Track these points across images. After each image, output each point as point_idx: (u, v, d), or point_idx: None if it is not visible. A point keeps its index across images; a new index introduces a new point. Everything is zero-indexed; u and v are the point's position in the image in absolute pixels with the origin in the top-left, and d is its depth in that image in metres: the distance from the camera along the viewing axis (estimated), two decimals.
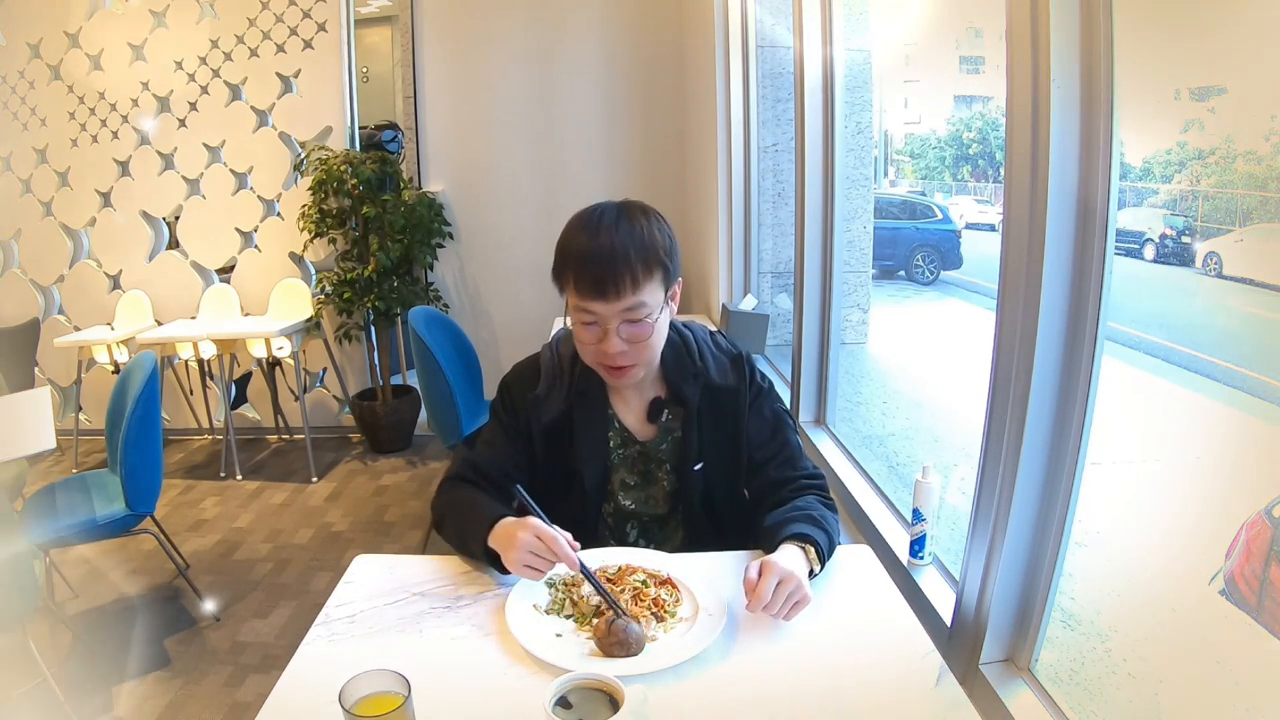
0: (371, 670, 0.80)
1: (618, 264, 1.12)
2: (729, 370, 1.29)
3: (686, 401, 1.26)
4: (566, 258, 1.16)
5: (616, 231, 1.14)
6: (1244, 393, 2.09)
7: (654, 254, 1.15)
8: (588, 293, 1.13)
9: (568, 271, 1.15)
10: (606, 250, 1.13)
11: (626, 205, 1.20)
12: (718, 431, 1.27)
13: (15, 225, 4.31)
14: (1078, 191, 1.02)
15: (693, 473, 1.27)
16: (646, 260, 1.14)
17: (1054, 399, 1.08)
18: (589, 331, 1.16)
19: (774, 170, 3.01)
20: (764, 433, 1.28)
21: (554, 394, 1.27)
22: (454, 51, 4.02)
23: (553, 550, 1.05)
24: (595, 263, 1.12)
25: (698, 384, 1.26)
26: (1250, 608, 1.61)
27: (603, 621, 0.96)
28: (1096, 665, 1.55)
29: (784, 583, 1.02)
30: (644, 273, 1.13)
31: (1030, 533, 1.14)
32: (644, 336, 1.16)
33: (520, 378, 1.32)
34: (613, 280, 1.12)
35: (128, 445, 2.32)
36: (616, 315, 1.14)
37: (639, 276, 1.13)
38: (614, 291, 1.12)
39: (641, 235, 1.15)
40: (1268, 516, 1.68)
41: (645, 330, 1.16)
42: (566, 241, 1.17)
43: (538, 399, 1.27)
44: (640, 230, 1.15)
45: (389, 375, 4.06)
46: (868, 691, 0.90)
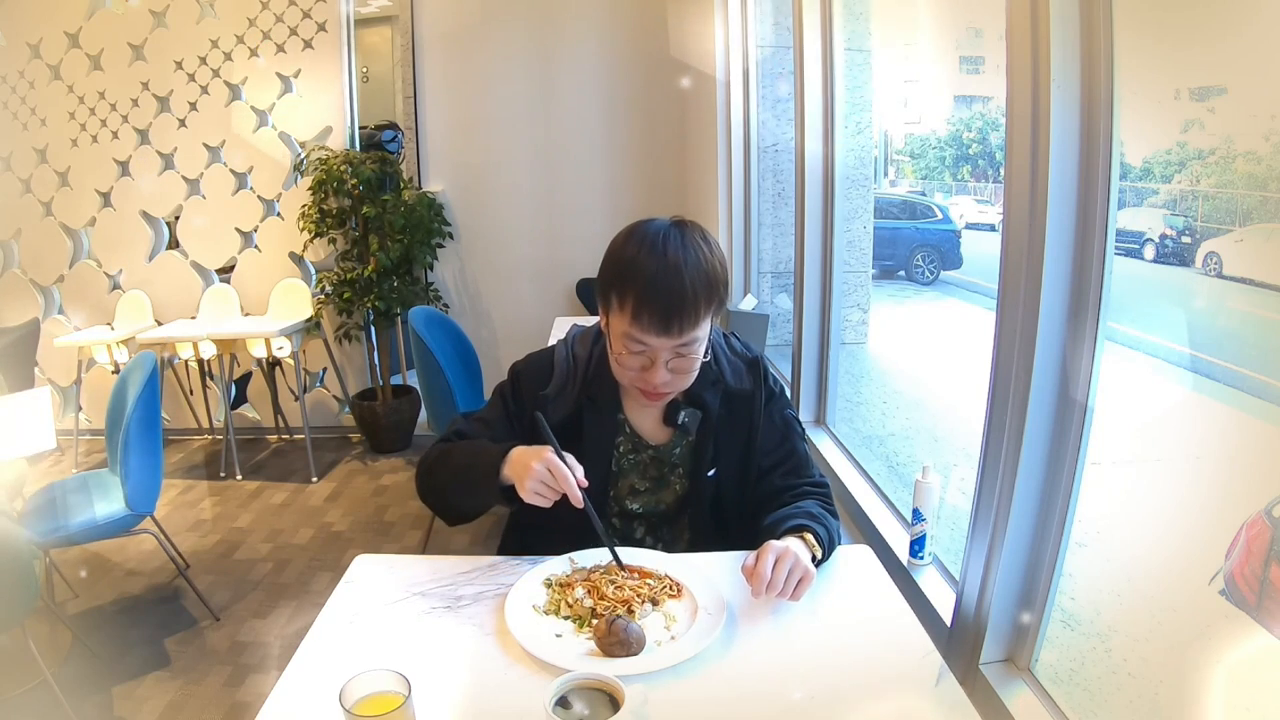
0: (371, 670, 0.80)
1: (685, 300, 1.07)
2: (744, 374, 1.27)
3: (706, 408, 1.23)
4: (627, 279, 1.09)
5: (685, 262, 1.08)
6: (1244, 393, 2.09)
7: (717, 288, 1.11)
8: (649, 325, 1.08)
9: (627, 295, 1.09)
10: (676, 281, 1.07)
11: (687, 228, 1.14)
12: (732, 437, 1.25)
13: (15, 225, 4.31)
14: (1078, 191, 1.02)
15: (706, 478, 1.25)
16: (710, 295, 1.10)
17: (1054, 399, 1.08)
18: (635, 359, 1.12)
19: (774, 170, 3.01)
20: (773, 438, 1.27)
21: (564, 395, 1.24)
22: (454, 51, 4.02)
23: (561, 483, 1.06)
24: (663, 295, 1.07)
25: (717, 390, 1.24)
26: (1250, 607, 1.61)
27: (603, 622, 0.96)
28: (1096, 665, 1.55)
29: (781, 559, 1.02)
30: (705, 307, 1.10)
31: (1030, 533, 1.14)
32: (689, 369, 1.14)
33: (532, 370, 1.28)
34: (678, 316, 1.07)
35: (128, 445, 2.32)
36: (670, 350, 1.11)
37: (702, 311, 1.09)
38: (677, 328, 1.08)
39: (707, 267, 1.10)
40: (1268, 516, 1.68)
41: (693, 363, 1.14)
42: (627, 260, 1.10)
43: (547, 398, 1.24)
44: (704, 260, 1.10)
45: (389, 375, 4.06)
46: (868, 691, 0.90)
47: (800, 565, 1.03)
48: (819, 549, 1.10)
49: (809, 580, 1.04)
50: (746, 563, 1.04)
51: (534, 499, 1.07)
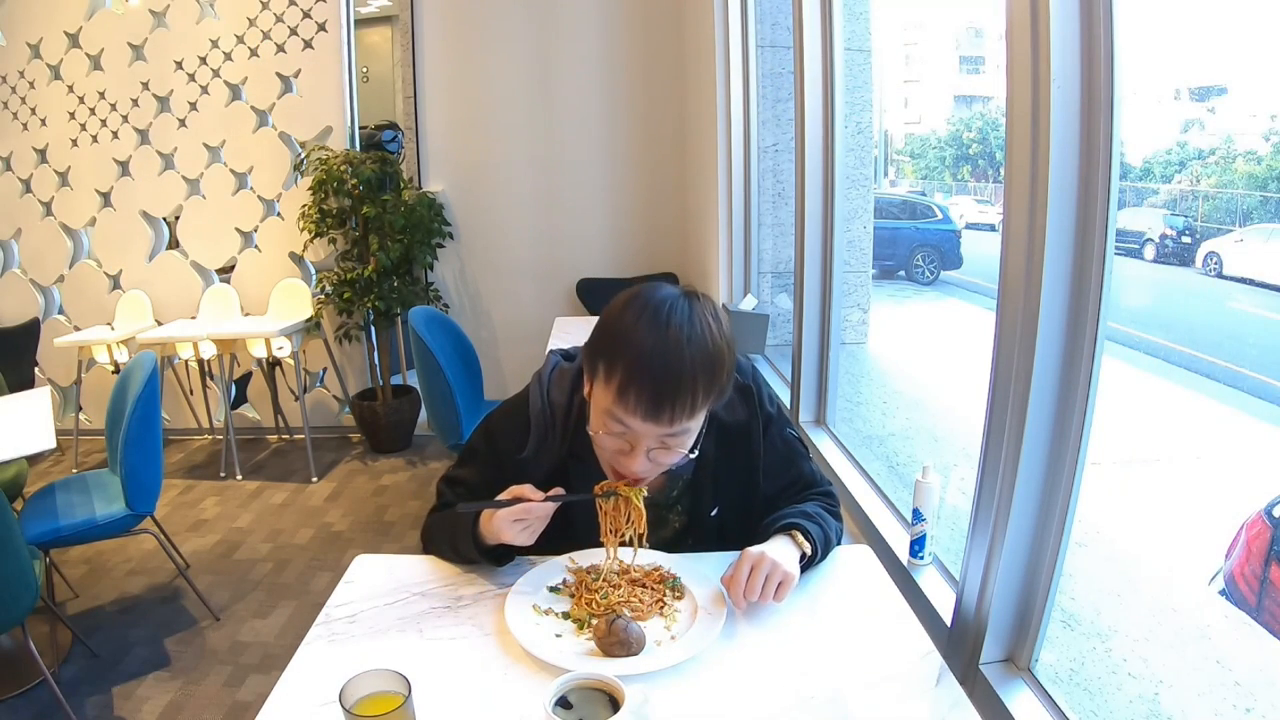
0: (371, 670, 0.80)
1: (682, 383, 0.95)
2: (738, 404, 1.16)
3: (701, 451, 1.12)
4: (618, 349, 0.97)
5: (689, 340, 0.96)
6: (1244, 393, 2.09)
7: (720, 374, 0.99)
8: (635, 408, 0.96)
9: (615, 369, 0.97)
10: (675, 362, 0.95)
11: (697, 301, 1.00)
12: (732, 472, 1.18)
13: (15, 225, 4.32)
14: (1078, 191, 1.02)
15: (709, 518, 1.20)
16: (710, 383, 0.98)
17: (1054, 399, 1.08)
18: (614, 440, 1.02)
19: (774, 170, 3.01)
20: (776, 464, 1.20)
21: (544, 454, 1.14)
22: (454, 51, 4.02)
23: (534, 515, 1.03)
24: (657, 374, 0.95)
25: (710, 429, 1.13)
26: (1250, 608, 1.62)
27: (603, 621, 0.96)
28: (1096, 665, 1.55)
29: (757, 566, 1.01)
30: (704, 397, 0.98)
31: (1030, 533, 1.14)
32: (672, 460, 1.05)
33: (507, 429, 1.18)
34: (670, 401, 0.96)
35: (128, 445, 2.32)
36: (655, 438, 1.00)
37: (698, 401, 0.98)
38: (668, 416, 0.96)
39: (713, 349, 0.97)
40: (1268, 516, 1.68)
41: (677, 456, 1.04)
42: (623, 330, 0.98)
43: (525, 463, 1.13)
44: (711, 340, 0.97)
45: (389, 375, 4.06)
46: (868, 691, 0.90)
47: (779, 569, 1.01)
48: (808, 545, 1.08)
49: (789, 583, 1.02)
50: (725, 574, 1.03)
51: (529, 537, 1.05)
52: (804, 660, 0.95)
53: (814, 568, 1.13)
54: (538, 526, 1.05)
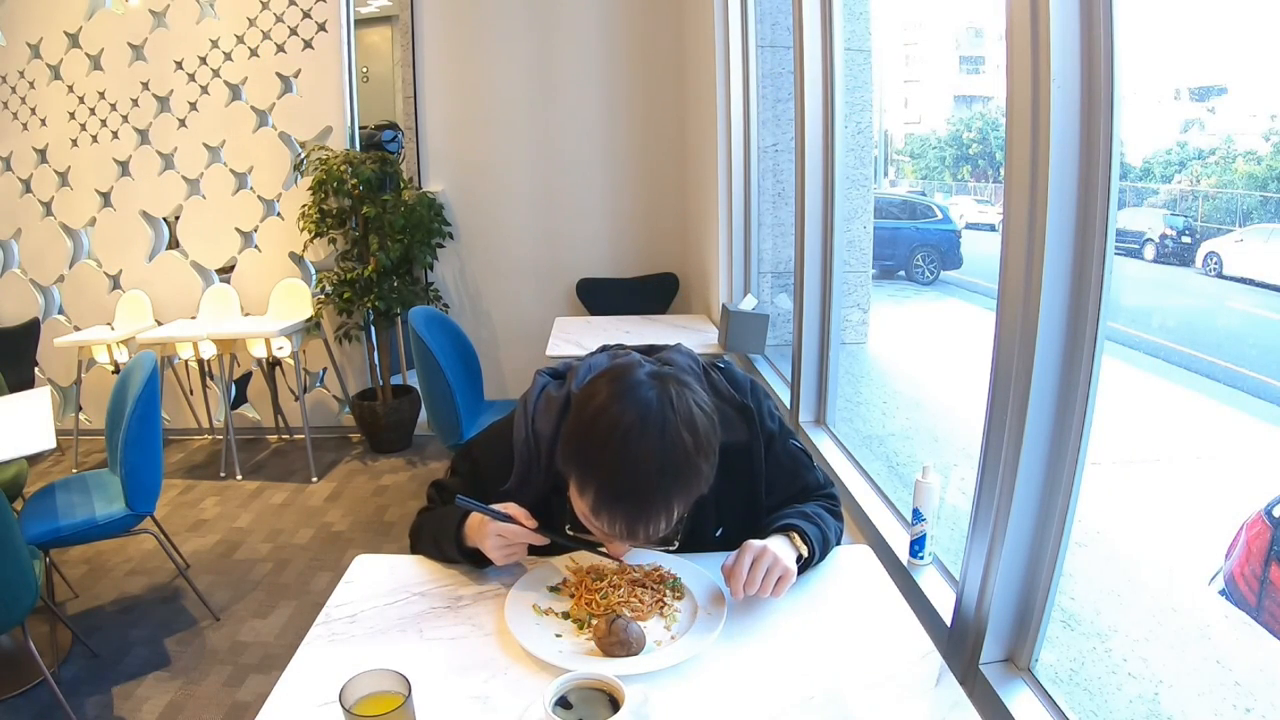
0: (371, 670, 0.80)
1: (654, 512, 0.94)
2: (736, 424, 1.14)
3: None
4: (586, 469, 0.96)
5: (660, 467, 0.93)
6: (1244, 393, 2.09)
7: (697, 482, 0.97)
8: (609, 531, 0.97)
9: (587, 487, 0.96)
10: (645, 495, 0.93)
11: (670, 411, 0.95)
12: (733, 492, 1.16)
13: (15, 225, 4.32)
14: (1078, 191, 1.02)
15: (712, 538, 1.19)
16: (687, 494, 0.97)
17: (1054, 399, 1.08)
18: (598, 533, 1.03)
19: (774, 170, 3.01)
20: (782, 479, 1.19)
21: (528, 486, 1.13)
22: (454, 51, 4.02)
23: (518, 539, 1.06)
24: (629, 508, 0.94)
25: None
26: (1250, 608, 1.61)
27: (603, 621, 0.96)
28: (1096, 665, 1.55)
29: (759, 558, 1.02)
30: (680, 507, 0.97)
31: (1030, 533, 1.14)
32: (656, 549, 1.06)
33: (491, 458, 1.17)
34: (644, 526, 0.95)
35: (128, 445, 2.32)
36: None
37: (674, 517, 0.97)
38: (643, 535, 0.97)
39: (687, 471, 0.95)
40: (1268, 516, 1.68)
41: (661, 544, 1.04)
42: (594, 453, 0.95)
43: (508, 494, 1.12)
44: (685, 460, 0.94)
45: (389, 375, 4.06)
46: (868, 691, 0.90)
47: (779, 564, 1.02)
48: (805, 547, 1.08)
49: (788, 579, 1.03)
50: (726, 563, 1.04)
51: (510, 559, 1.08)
52: (804, 660, 0.95)
53: (812, 568, 1.13)
54: (517, 553, 1.07)
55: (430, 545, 1.19)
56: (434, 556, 1.19)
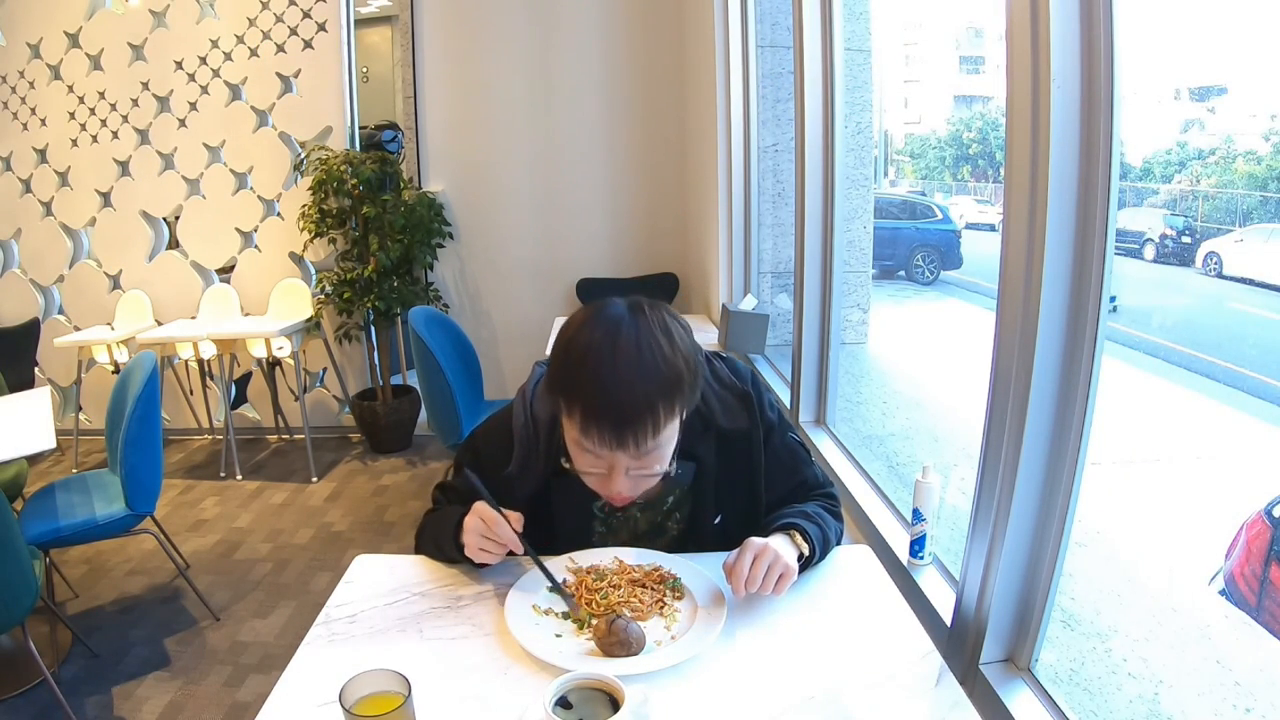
0: (371, 670, 0.80)
1: (639, 413, 0.95)
2: (737, 410, 1.16)
3: (700, 459, 1.14)
4: (573, 390, 0.98)
5: (640, 371, 0.95)
6: (1244, 393, 2.09)
7: (678, 391, 0.98)
8: (600, 442, 0.97)
9: (574, 407, 0.98)
10: (627, 397, 0.95)
11: (644, 320, 0.99)
12: (733, 478, 1.17)
13: (15, 225, 4.32)
14: (1078, 191, 1.02)
15: (710, 525, 1.19)
16: (670, 402, 0.98)
17: (1054, 399, 1.08)
18: (593, 465, 1.03)
19: (774, 170, 3.01)
20: (780, 472, 1.19)
21: (529, 470, 1.14)
22: (454, 51, 4.02)
23: (494, 531, 1.05)
24: (611, 409, 0.95)
25: (709, 437, 1.14)
26: (1250, 608, 1.62)
27: (603, 621, 0.96)
28: (1096, 665, 1.56)
29: (760, 556, 1.02)
30: (666, 415, 0.98)
31: (1030, 533, 1.14)
32: (654, 475, 1.04)
33: (491, 445, 1.18)
34: (631, 431, 0.96)
35: (128, 445, 2.32)
36: (628, 459, 1.01)
37: (660, 421, 0.97)
38: (632, 443, 0.97)
39: (666, 371, 0.97)
40: (1268, 516, 1.68)
41: (656, 471, 1.03)
42: (574, 365, 0.98)
43: (510, 479, 1.13)
44: (664, 361, 0.97)
45: (389, 375, 4.06)
46: (868, 691, 0.90)
47: (780, 561, 1.02)
48: (806, 545, 1.08)
49: (790, 576, 1.03)
50: (727, 561, 1.04)
51: (480, 555, 1.06)
52: (804, 660, 0.95)
53: (812, 568, 1.13)
54: (491, 551, 1.06)
55: (431, 545, 1.19)
56: (435, 557, 1.19)
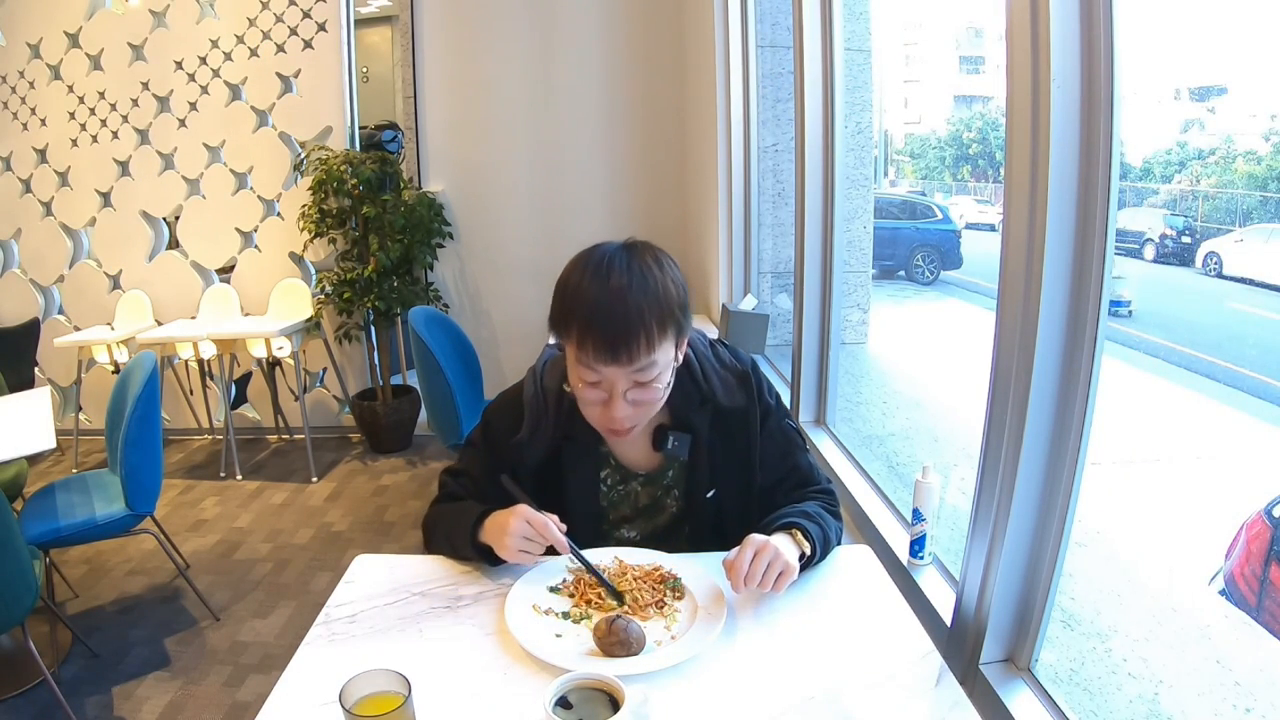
0: (371, 670, 0.80)
1: (631, 325, 1.02)
2: (736, 389, 1.20)
3: (696, 430, 1.18)
4: (570, 311, 1.05)
5: (630, 286, 1.03)
6: (1244, 393, 2.09)
7: (669, 309, 1.05)
8: (596, 354, 1.03)
9: (572, 327, 1.04)
10: (620, 309, 1.02)
11: (636, 250, 1.08)
12: (729, 455, 1.21)
13: (15, 225, 4.32)
14: (1078, 191, 1.02)
15: (705, 500, 1.22)
16: (662, 317, 1.04)
17: (1054, 399, 1.08)
18: (593, 393, 1.08)
19: (774, 170, 3.01)
20: (773, 455, 1.22)
21: (539, 436, 1.19)
22: (454, 51, 4.02)
23: (543, 534, 1.06)
24: (607, 322, 1.02)
25: (706, 410, 1.19)
26: (1250, 608, 1.62)
27: (603, 621, 0.96)
28: (1096, 665, 1.56)
29: (760, 552, 1.02)
30: (659, 331, 1.04)
31: (1030, 533, 1.14)
32: (652, 399, 1.08)
33: (503, 415, 1.23)
34: (625, 343, 1.02)
35: (128, 445, 2.32)
36: (625, 378, 1.05)
37: (654, 336, 1.03)
38: (626, 355, 1.02)
39: (656, 289, 1.04)
40: (1268, 516, 1.68)
41: (654, 394, 1.08)
42: (571, 291, 1.06)
43: (521, 444, 1.18)
44: (654, 283, 1.05)
45: (389, 375, 4.06)
46: (868, 691, 0.90)
47: (781, 558, 1.03)
48: (808, 545, 1.09)
49: (789, 574, 1.03)
50: (727, 557, 1.04)
51: (519, 558, 1.08)
52: (804, 660, 0.95)
53: (813, 568, 1.13)
54: (534, 551, 1.08)
55: (444, 541, 1.19)
56: (445, 552, 1.20)
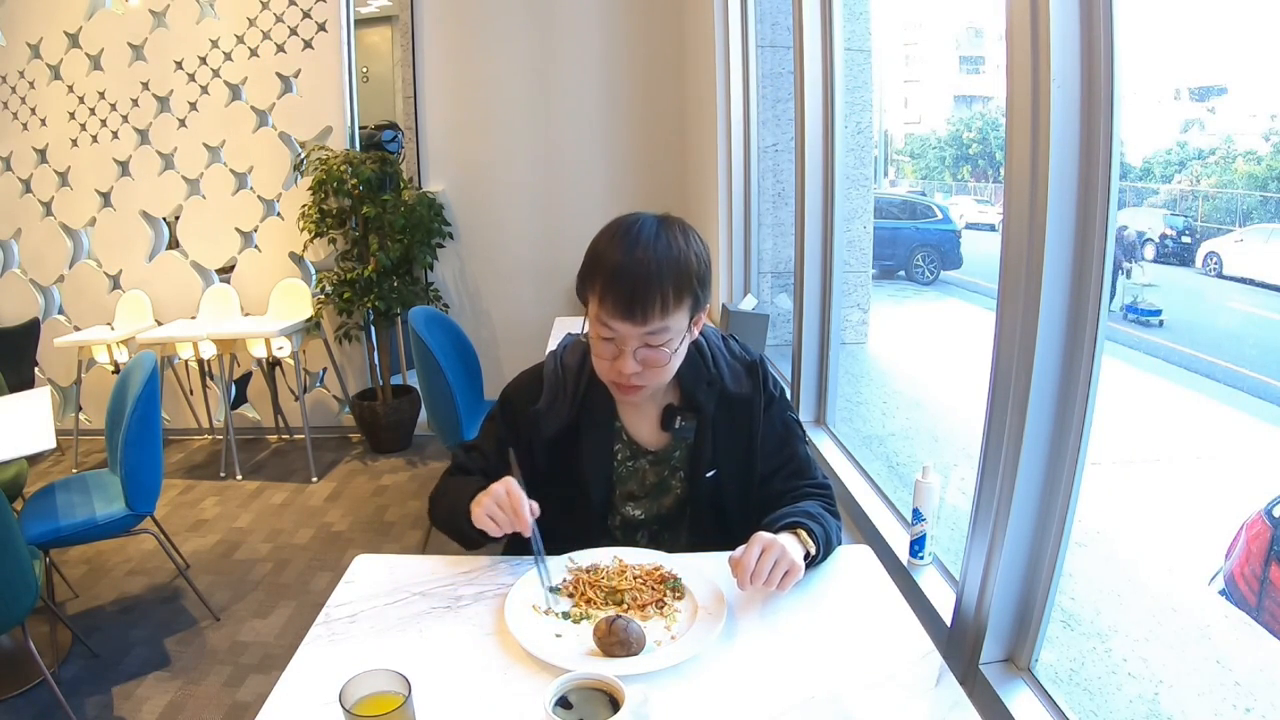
0: (371, 670, 0.80)
1: (650, 285, 1.07)
2: (743, 378, 1.26)
3: (701, 410, 1.23)
4: (596, 268, 1.12)
5: (654, 249, 1.09)
6: (1244, 393, 2.09)
7: (687, 279, 1.10)
8: (613, 310, 1.09)
9: (595, 282, 1.11)
10: (641, 268, 1.08)
11: (666, 220, 1.15)
12: (732, 440, 1.25)
13: (15, 225, 4.32)
14: (1078, 191, 1.02)
15: (704, 479, 1.25)
16: (679, 285, 1.09)
17: (1054, 399, 1.08)
18: (605, 347, 1.14)
19: (774, 170, 3.01)
20: (773, 443, 1.26)
21: (557, 407, 1.24)
22: (454, 51, 4.02)
23: (514, 506, 1.08)
24: (626, 280, 1.08)
25: (713, 391, 1.24)
26: (1250, 608, 1.62)
27: (603, 621, 0.96)
28: (1096, 665, 1.56)
29: (768, 550, 1.03)
30: (674, 298, 1.09)
31: (1030, 533, 1.14)
32: (660, 363, 1.13)
33: (521, 390, 1.28)
34: (641, 302, 1.07)
35: (128, 445, 2.32)
36: (637, 337, 1.11)
37: (669, 301, 1.09)
38: (640, 314, 1.08)
39: (678, 256, 1.10)
40: (1268, 516, 1.68)
41: (662, 357, 1.12)
42: (599, 251, 1.13)
43: (539, 413, 1.24)
44: (678, 250, 1.10)
45: (389, 375, 4.06)
46: (868, 691, 0.90)
47: (787, 557, 1.03)
48: (813, 544, 1.10)
49: (795, 573, 1.04)
50: (734, 555, 1.05)
51: (484, 523, 1.10)
52: (804, 660, 0.95)
53: (815, 568, 1.13)
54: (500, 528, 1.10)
55: (446, 513, 1.23)
56: (446, 525, 1.23)
